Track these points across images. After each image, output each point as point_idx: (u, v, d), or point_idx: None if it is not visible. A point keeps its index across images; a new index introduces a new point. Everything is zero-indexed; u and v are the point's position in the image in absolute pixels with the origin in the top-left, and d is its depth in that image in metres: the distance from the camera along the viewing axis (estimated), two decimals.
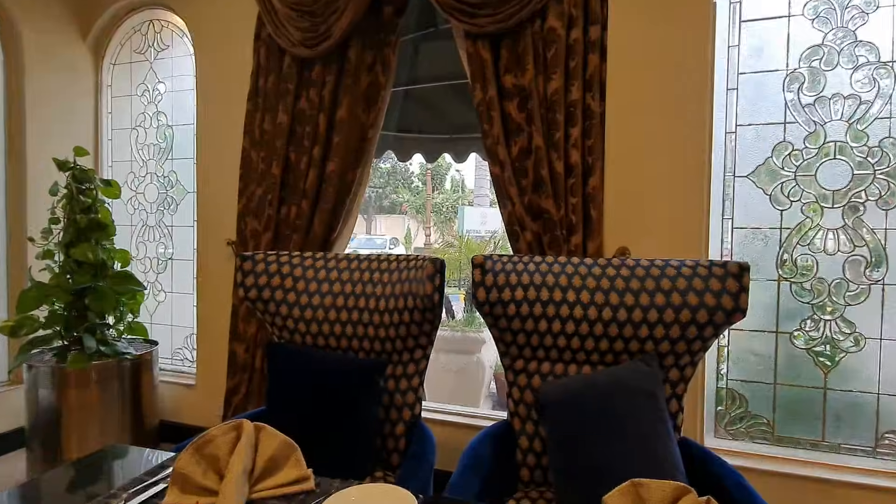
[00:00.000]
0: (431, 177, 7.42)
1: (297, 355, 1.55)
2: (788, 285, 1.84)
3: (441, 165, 7.94)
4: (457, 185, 7.54)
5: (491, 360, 3.06)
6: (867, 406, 1.79)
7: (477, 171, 5.91)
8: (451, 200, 6.18)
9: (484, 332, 3.05)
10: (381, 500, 0.96)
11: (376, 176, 7.77)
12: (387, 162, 7.90)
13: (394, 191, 7.60)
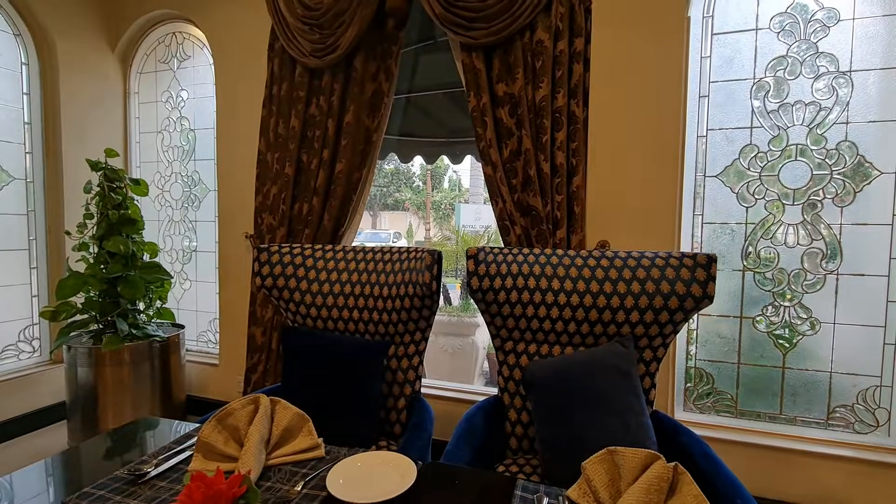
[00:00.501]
0: (431, 177, 7.39)
1: (308, 337, 1.56)
2: (752, 275, 1.85)
3: (440, 167, 7.90)
4: (454, 185, 7.51)
5: (484, 341, 3.07)
6: (820, 383, 1.81)
7: (472, 171, 5.89)
8: (449, 198, 6.16)
9: (478, 316, 3.06)
10: (385, 467, 0.98)
11: (381, 176, 7.73)
12: (390, 163, 7.86)
13: (397, 189, 7.58)
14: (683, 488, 0.75)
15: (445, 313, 3.10)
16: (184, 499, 0.52)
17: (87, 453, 1.09)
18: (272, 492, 0.91)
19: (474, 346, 3.00)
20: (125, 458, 1.04)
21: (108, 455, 1.08)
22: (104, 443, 1.14)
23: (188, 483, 0.54)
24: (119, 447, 1.11)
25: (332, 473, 0.93)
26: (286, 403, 1.05)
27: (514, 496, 0.89)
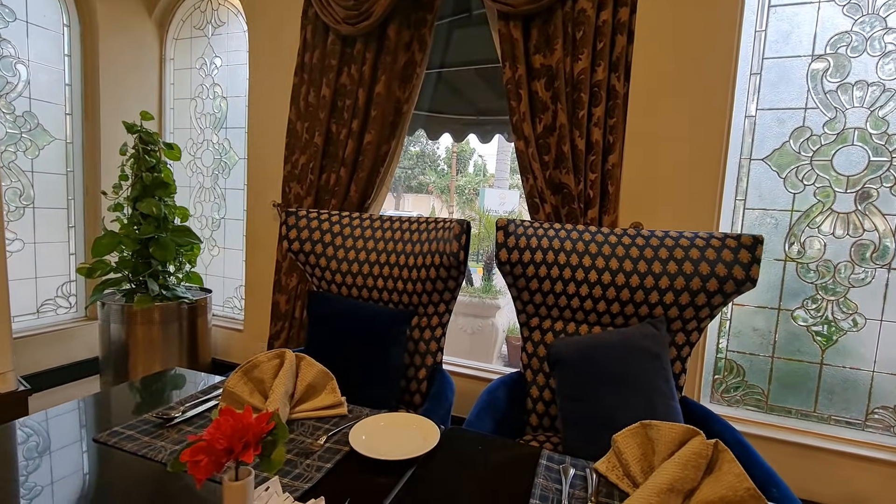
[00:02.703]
0: (457, 160, 7.32)
1: (334, 302, 1.55)
2: (794, 266, 1.75)
3: (465, 151, 7.81)
4: (479, 169, 7.42)
5: (504, 324, 3.04)
6: (860, 383, 1.71)
7: (498, 156, 5.80)
8: (474, 183, 6.09)
9: (499, 299, 3.03)
10: (409, 428, 0.96)
11: (406, 158, 7.69)
12: (416, 145, 7.81)
13: (421, 172, 7.54)
14: (724, 466, 0.71)
15: (467, 294, 3.08)
16: (212, 430, 0.51)
17: (117, 397, 1.11)
18: (295, 444, 0.91)
19: (494, 328, 2.98)
20: (154, 403, 1.06)
21: (138, 400, 1.10)
22: (134, 388, 1.17)
23: (216, 417, 0.53)
24: (148, 394, 1.13)
25: (354, 430, 0.93)
26: (311, 360, 1.04)
27: (539, 465, 0.87)
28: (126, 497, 0.75)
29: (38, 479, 0.77)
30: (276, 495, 0.66)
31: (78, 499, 0.73)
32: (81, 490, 0.75)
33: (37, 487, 0.74)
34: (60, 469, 0.80)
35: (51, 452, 0.85)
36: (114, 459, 0.84)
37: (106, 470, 0.81)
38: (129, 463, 0.83)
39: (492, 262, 3.14)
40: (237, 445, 0.50)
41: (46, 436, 0.91)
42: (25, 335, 2.33)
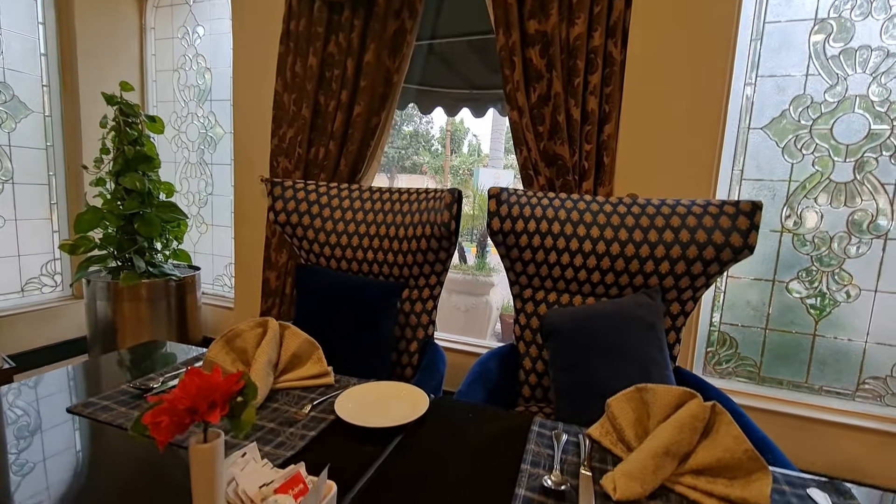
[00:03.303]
0: (451, 140, 7.20)
1: (322, 275, 1.51)
2: (790, 237, 1.72)
3: (460, 130, 7.68)
4: (473, 149, 7.31)
5: (498, 302, 3.02)
6: (852, 354, 1.71)
7: (493, 135, 5.71)
8: (468, 163, 6.01)
9: (492, 276, 3.00)
10: (397, 397, 0.93)
11: (399, 138, 7.57)
12: (409, 125, 7.67)
13: (415, 152, 7.42)
14: (721, 429, 0.68)
15: (460, 271, 3.04)
16: (178, 391, 0.46)
17: (97, 368, 1.07)
18: (279, 413, 0.87)
19: (488, 305, 2.95)
20: (135, 372, 1.02)
21: (118, 371, 1.05)
22: (120, 357, 1.12)
23: (183, 378, 0.49)
24: (132, 362, 1.09)
25: (341, 398, 0.89)
26: (296, 329, 1.00)
27: (531, 432, 0.84)
28: (100, 467, 0.72)
29: (6, 447, 0.73)
30: (253, 462, 0.62)
31: (47, 465, 0.69)
32: (60, 462, 0.71)
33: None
34: (32, 439, 0.76)
35: (28, 423, 0.81)
36: (89, 429, 0.80)
37: (79, 440, 0.77)
38: (105, 432, 0.79)
39: (486, 240, 3.10)
40: (202, 405, 0.46)
41: (21, 405, 0.86)
42: (10, 314, 2.27)
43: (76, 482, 0.67)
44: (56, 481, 0.66)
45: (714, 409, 0.70)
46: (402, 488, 0.69)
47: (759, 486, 0.63)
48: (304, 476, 0.61)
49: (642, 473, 0.68)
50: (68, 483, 0.66)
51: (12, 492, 0.63)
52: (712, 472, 0.68)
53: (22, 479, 0.66)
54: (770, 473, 0.64)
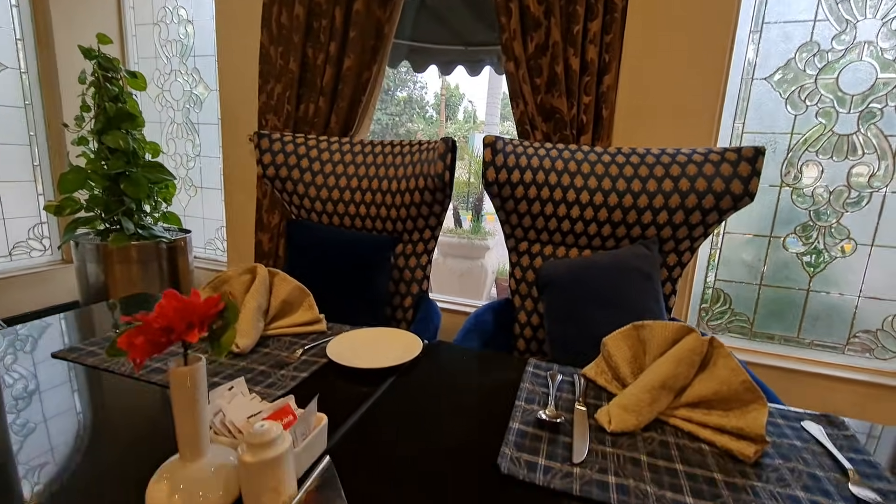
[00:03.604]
0: (445, 106, 7.03)
1: (314, 231, 1.47)
2: (789, 191, 1.69)
3: (455, 96, 7.48)
4: (469, 116, 7.15)
5: (493, 265, 3.00)
6: (844, 308, 1.71)
7: (489, 99, 5.56)
8: (463, 130, 5.87)
9: (488, 240, 2.97)
10: (390, 341, 0.92)
11: (392, 104, 7.37)
12: (403, 90, 7.46)
13: (409, 119, 7.25)
14: (718, 361, 0.67)
15: (455, 235, 3.01)
16: (154, 314, 0.44)
17: (96, 313, 1.04)
18: (270, 357, 0.85)
19: (483, 269, 2.94)
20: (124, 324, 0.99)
21: (106, 320, 1.03)
22: (109, 307, 1.10)
23: (160, 300, 0.46)
24: (122, 310, 1.07)
25: (333, 342, 0.88)
26: (285, 276, 0.97)
27: (525, 372, 0.83)
28: (85, 408, 0.70)
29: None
30: (241, 396, 0.61)
31: (28, 409, 0.67)
32: (34, 402, 0.69)
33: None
34: (13, 381, 0.74)
35: (5, 366, 0.78)
36: (74, 373, 0.78)
37: (63, 383, 0.75)
38: (90, 376, 0.77)
39: (481, 204, 3.06)
40: (179, 325, 0.44)
41: (12, 347, 0.84)
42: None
43: (60, 423, 0.65)
44: (27, 422, 0.64)
45: (712, 342, 0.69)
46: (395, 425, 0.68)
47: (755, 416, 0.63)
48: (293, 408, 0.59)
49: (637, 406, 0.67)
50: (48, 422, 0.65)
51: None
52: (708, 404, 0.67)
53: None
54: (766, 404, 0.64)
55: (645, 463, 0.60)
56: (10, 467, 0.55)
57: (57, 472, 0.55)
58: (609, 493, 0.54)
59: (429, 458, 0.61)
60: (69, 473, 0.55)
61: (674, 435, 0.66)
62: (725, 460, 0.62)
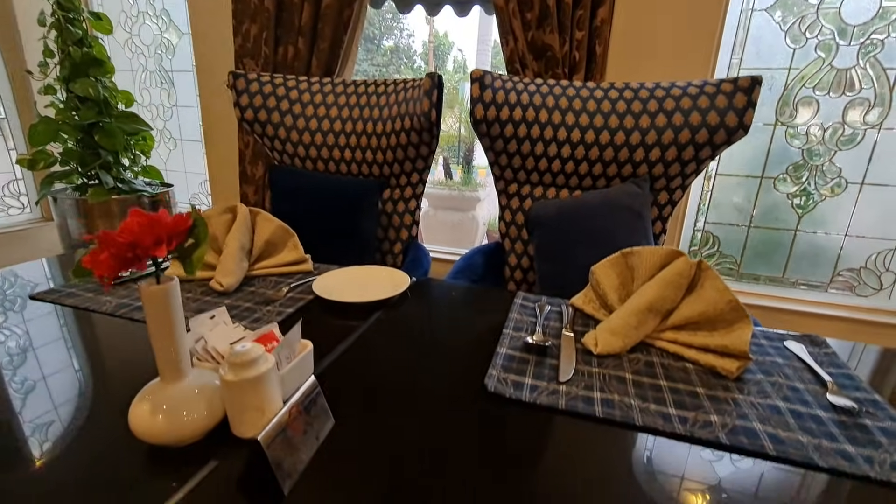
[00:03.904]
0: (434, 56, 6.72)
1: (298, 176, 1.42)
2: (783, 130, 1.66)
3: (444, 44, 7.14)
4: (459, 66, 6.85)
5: (485, 217, 2.98)
6: (830, 248, 1.73)
7: (479, 46, 5.31)
8: (454, 81, 5.64)
9: (479, 191, 2.93)
10: (378, 278, 0.90)
11: (379, 54, 7.03)
12: (389, 39, 7.09)
13: (396, 70, 6.94)
14: (706, 283, 0.67)
15: (446, 187, 2.96)
16: (119, 230, 0.41)
17: (64, 263, 1.01)
18: (256, 294, 0.84)
19: (474, 221, 2.92)
20: None
21: None
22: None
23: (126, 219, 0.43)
24: None
25: (319, 280, 0.86)
26: (268, 215, 0.94)
27: (513, 304, 0.83)
28: (65, 346, 0.68)
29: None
30: (223, 324, 0.59)
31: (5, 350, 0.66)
32: (13, 343, 0.68)
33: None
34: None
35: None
36: (55, 314, 0.76)
37: (42, 323, 0.74)
38: (71, 316, 0.75)
39: (471, 155, 2.99)
40: (145, 240, 0.41)
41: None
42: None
43: (36, 360, 0.64)
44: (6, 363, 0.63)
45: (700, 265, 0.68)
46: (382, 354, 0.68)
47: (739, 333, 0.63)
48: (277, 335, 0.58)
49: (624, 329, 0.67)
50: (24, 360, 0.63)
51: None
52: (694, 326, 0.68)
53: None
54: (751, 323, 0.64)
55: (630, 380, 0.61)
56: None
57: (40, 408, 0.54)
58: (594, 407, 0.55)
59: (416, 384, 0.61)
60: (49, 410, 0.54)
61: (659, 356, 0.67)
62: (709, 377, 0.62)
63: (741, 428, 0.52)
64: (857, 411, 0.55)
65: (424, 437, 0.50)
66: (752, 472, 0.47)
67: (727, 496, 0.44)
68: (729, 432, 0.51)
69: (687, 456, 0.49)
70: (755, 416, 0.54)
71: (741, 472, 0.47)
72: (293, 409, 0.46)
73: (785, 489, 0.45)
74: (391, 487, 0.43)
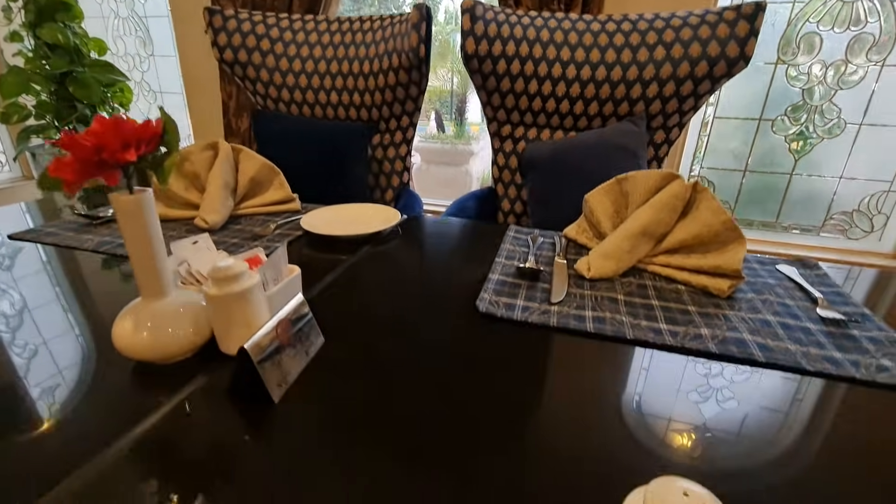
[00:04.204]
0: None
1: (283, 121, 1.37)
2: (784, 69, 1.60)
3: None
4: (451, 17, 6.53)
5: (478, 171, 2.92)
6: (824, 192, 1.72)
7: None
8: (445, 33, 5.37)
9: (472, 144, 2.86)
10: (368, 212, 0.88)
11: (365, 4, 6.64)
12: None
13: None
14: (701, 205, 0.65)
15: (438, 140, 2.89)
16: (83, 135, 0.38)
17: (45, 205, 0.98)
18: (243, 232, 0.82)
19: (468, 175, 2.86)
20: (92, 213, 0.94)
21: (68, 207, 0.97)
22: (64, 198, 1.03)
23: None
24: (81, 203, 1.01)
25: (308, 216, 0.84)
26: (251, 152, 0.90)
27: (506, 236, 0.81)
28: (48, 281, 0.67)
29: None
30: (207, 250, 0.58)
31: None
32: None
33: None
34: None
35: None
36: (35, 252, 0.74)
37: (22, 260, 0.71)
38: (52, 253, 0.73)
39: (464, 106, 2.90)
40: (111, 143, 0.39)
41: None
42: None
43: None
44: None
45: (695, 187, 0.66)
46: (373, 282, 0.67)
47: (732, 253, 0.62)
48: (262, 258, 0.57)
49: (617, 253, 0.66)
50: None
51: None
52: (688, 249, 0.67)
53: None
54: (745, 242, 0.63)
55: (622, 301, 0.60)
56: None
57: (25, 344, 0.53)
58: (585, 324, 0.55)
59: (406, 308, 0.60)
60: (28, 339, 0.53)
61: (651, 279, 0.66)
62: (700, 297, 0.62)
63: (731, 339, 0.52)
64: (846, 322, 0.55)
65: (413, 354, 0.50)
66: (742, 376, 0.47)
67: (719, 403, 0.44)
68: (719, 343, 0.52)
69: (677, 366, 0.49)
70: (745, 329, 0.54)
71: (730, 376, 0.47)
72: (281, 322, 0.45)
73: (777, 391, 0.45)
74: (381, 398, 0.43)
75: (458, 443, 0.38)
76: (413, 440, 0.38)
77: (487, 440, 0.38)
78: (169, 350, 0.46)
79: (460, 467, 0.35)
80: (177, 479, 0.34)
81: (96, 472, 0.35)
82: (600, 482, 0.35)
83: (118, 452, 0.36)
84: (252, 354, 0.40)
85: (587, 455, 0.37)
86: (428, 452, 0.37)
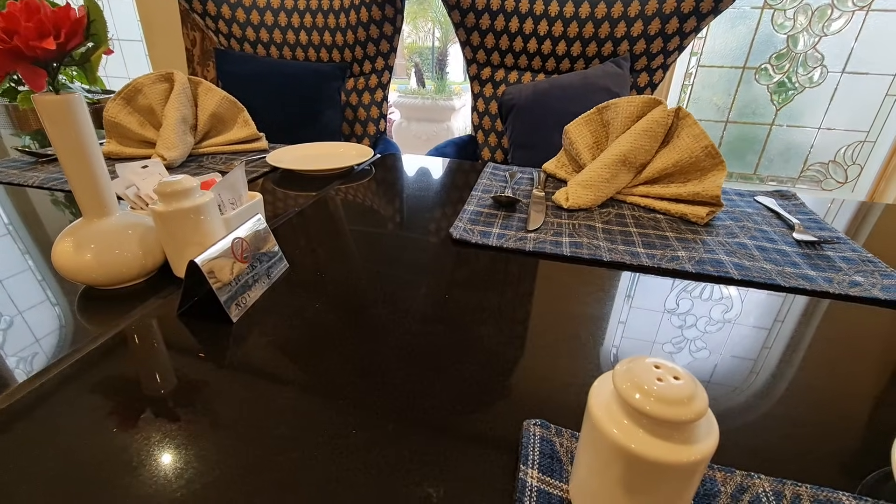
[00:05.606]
0: None
1: (249, 62, 1.28)
2: (770, 15, 1.56)
3: None
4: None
5: (460, 127, 2.85)
6: (803, 143, 1.72)
7: None
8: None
9: (453, 99, 2.77)
10: (340, 150, 0.84)
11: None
12: None
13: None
14: (683, 132, 0.63)
15: (419, 96, 2.78)
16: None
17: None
18: (205, 169, 0.77)
19: (450, 132, 2.79)
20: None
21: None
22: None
23: None
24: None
25: (275, 153, 0.79)
26: (210, 85, 0.84)
27: (483, 172, 0.78)
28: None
29: None
30: (158, 175, 0.53)
31: None
32: None
33: None
34: None
35: None
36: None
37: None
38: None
39: (445, 59, 2.78)
40: (24, 28, 0.34)
41: None
42: None
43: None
44: None
45: (678, 112, 0.64)
46: (342, 215, 0.64)
47: (712, 179, 0.61)
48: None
49: (596, 182, 0.64)
50: None
51: None
52: (668, 178, 0.65)
53: None
54: (725, 168, 0.61)
55: (600, 228, 0.59)
56: None
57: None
58: (562, 249, 0.53)
59: (377, 238, 0.57)
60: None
61: (630, 209, 0.65)
62: (679, 223, 0.61)
63: (708, 259, 0.51)
64: (821, 244, 0.55)
65: (382, 278, 0.48)
66: (718, 295, 0.46)
67: (694, 318, 0.43)
68: (696, 263, 0.51)
69: (655, 288, 0.48)
70: (722, 251, 0.53)
71: (708, 295, 0.46)
72: (237, 240, 0.42)
73: (754, 308, 0.45)
74: (349, 318, 0.41)
75: (425, 357, 0.36)
76: (379, 357, 0.36)
77: (456, 355, 0.36)
78: (117, 272, 0.42)
79: (423, 379, 0.34)
80: (128, 401, 0.32)
81: (36, 396, 0.32)
82: (574, 392, 0.34)
83: (61, 375, 0.34)
84: (201, 266, 0.36)
85: (557, 373, 0.36)
86: (393, 367, 0.35)
